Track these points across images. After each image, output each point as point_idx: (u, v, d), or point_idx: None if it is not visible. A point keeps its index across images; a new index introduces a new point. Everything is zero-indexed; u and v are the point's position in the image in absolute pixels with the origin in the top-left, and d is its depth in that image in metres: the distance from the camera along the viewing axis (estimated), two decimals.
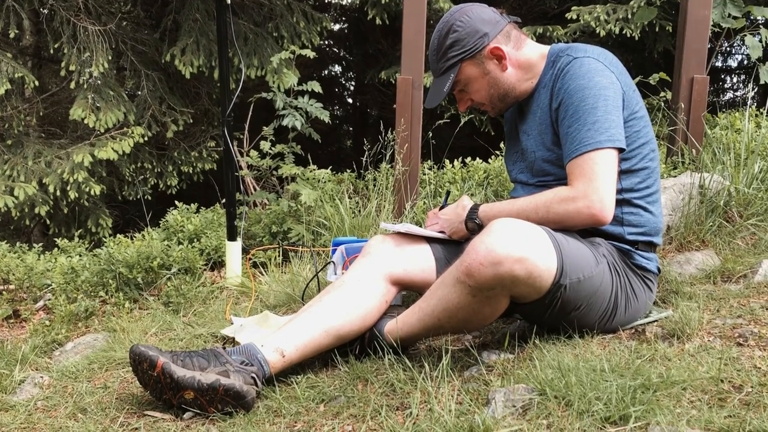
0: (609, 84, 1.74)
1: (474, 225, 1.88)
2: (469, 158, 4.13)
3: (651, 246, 1.89)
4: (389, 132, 3.57)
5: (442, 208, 2.10)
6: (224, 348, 1.74)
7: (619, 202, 1.78)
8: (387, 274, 1.91)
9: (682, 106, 3.31)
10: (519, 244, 1.55)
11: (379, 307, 1.86)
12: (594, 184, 1.68)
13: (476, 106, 2.00)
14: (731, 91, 9.83)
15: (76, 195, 5.25)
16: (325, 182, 3.59)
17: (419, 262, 1.95)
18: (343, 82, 12.01)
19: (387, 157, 3.58)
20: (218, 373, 1.61)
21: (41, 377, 2.02)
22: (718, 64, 9.09)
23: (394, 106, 3.43)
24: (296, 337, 1.76)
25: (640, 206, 1.84)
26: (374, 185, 3.51)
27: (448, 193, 2.30)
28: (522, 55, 1.91)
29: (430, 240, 2.01)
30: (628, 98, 1.79)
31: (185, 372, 1.59)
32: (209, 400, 1.59)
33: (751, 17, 3.85)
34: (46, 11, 5.69)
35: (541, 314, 1.73)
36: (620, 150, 1.73)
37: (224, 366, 1.63)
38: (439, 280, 1.73)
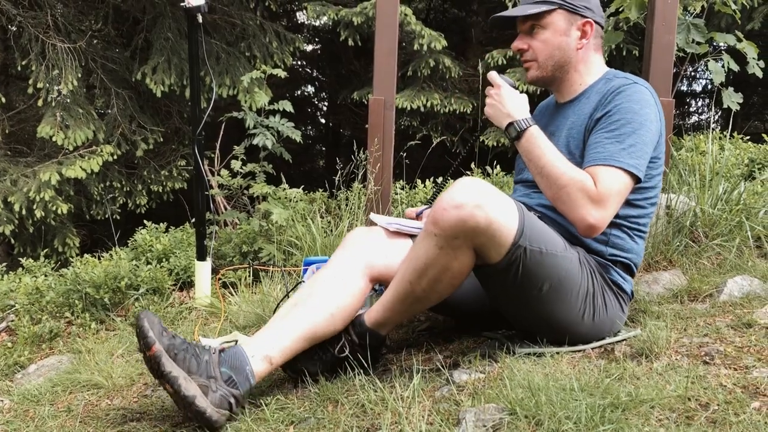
0: (655, 120, 1.82)
1: (514, 131, 1.85)
2: (441, 178, 4.15)
3: (628, 269, 1.92)
4: (362, 152, 3.58)
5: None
6: (222, 352, 1.70)
7: (610, 225, 1.80)
8: (368, 270, 1.91)
9: None
10: (480, 194, 1.61)
11: (358, 304, 1.88)
12: (609, 200, 1.72)
13: (527, 56, 1.98)
14: (696, 115, 10.09)
15: (43, 214, 5.15)
16: (296, 201, 3.57)
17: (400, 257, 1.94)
18: (316, 102, 12.04)
19: (359, 177, 3.58)
20: (200, 385, 1.59)
21: (1, 401, 1.97)
22: (683, 88, 9.32)
23: (367, 126, 3.45)
24: (282, 342, 1.75)
25: (627, 234, 1.89)
26: (346, 205, 3.51)
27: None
28: (592, 56, 1.98)
29: (414, 237, 1.99)
30: (660, 143, 1.86)
31: (172, 369, 1.58)
32: (180, 406, 1.59)
33: (714, 43, 3.96)
34: (14, 28, 5.62)
35: (506, 287, 1.73)
36: (637, 181, 1.78)
37: (208, 380, 1.61)
38: (410, 247, 1.77)
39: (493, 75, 1.95)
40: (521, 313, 1.82)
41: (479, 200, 1.60)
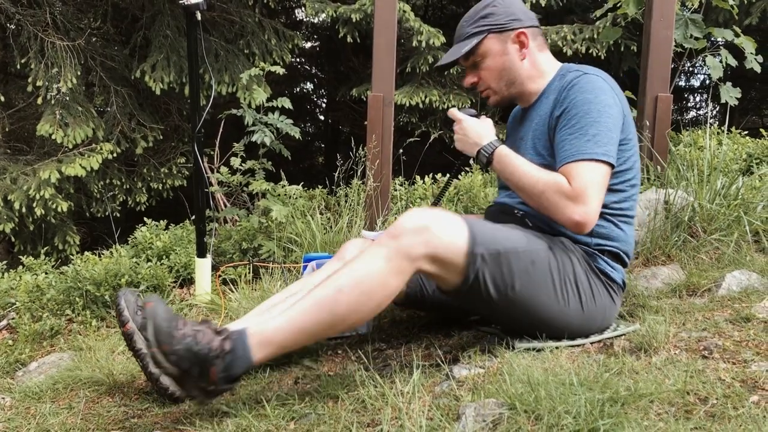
0: (613, 104, 1.82)
1: (484, 158, 1.89)
2: (439, 174, 4.16)
3: (617, 258, 1.92)
4: (361, 148, 3.58)
5: (438, 200, 2.15)
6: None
7: None
8: None
9: (647, 123, 3.38)
10: (427, 219, 1.65)
11: None
12: (588, 193, 1.72)
13: (480, 87, 2.04)
14: (694, 110, 10.08)
15: (43, 212, 5.15)
16: (296, 198, 3.58)
17: None
18: (315, 99, 12.03)
19: (358, 173, 3.59)
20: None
21: (3, 399, 1.97)
22: (681, 83, 9.32)
23: (366, 122, 3.45)
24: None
25: (611, 222, 1.89)
26: (346, 201, 3.52)
27: (449, 180, 2.29)
28: (539, 57, 1.99)
29: None
30: (626, 123, 1.87)
31: (142, 346, 1.72)
32: (148, 380, 1.73)
33: (712, 38, 3.96)
34: (13, 26, 5.61)
35: (482, 300, 1.74)
36: (611, 167, 1.78)
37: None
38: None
39: (452, 112, 2.02)
40: (509, 317, 1.82)
41: (426, 222, 1.64)
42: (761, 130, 4.75)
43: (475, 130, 1.94)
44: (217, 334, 1.59)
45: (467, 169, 4.25)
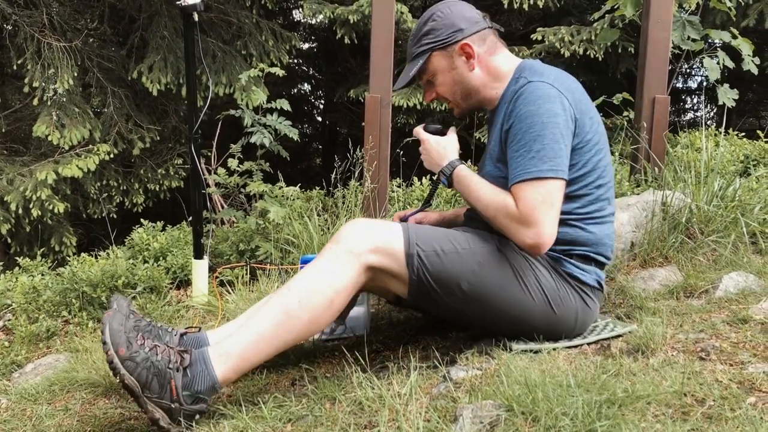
0: (560, 111, 1.73)
1: (444, 179, 1.92)
2: (436, 176, 4.14)
3: (587, 259, 1.87)
4: (358, 150, 3.58)
5: (428, 201, 2.19)
6: (183, 336, 1.79)
7: None
8: None
9: (645, 125, 3.38)
10: (362, 221, 1.77)
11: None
12: (535, 216, 1.69)
13: (442, 100, 2.04)
14: (691, 111, 10.08)
15: (39, 213, 5.14)
16: (293, 200, 3.57)
17: None
18: (313, 100, 12.03)
19: (356, 175, 3.58)
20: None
21: None
22: (679, 85, 9.32)
23: (363, 124, 3.45)
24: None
25: (576, 227, 1.84)
26: (343, 202, 3.51)
27: (435, 185, 2.30)
28: (493, 61, 1.93)
29: None
30: (580, 125, 1.78)
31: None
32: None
33: (710, 40, 3.97)
34: (9, 27, 5.60)
35: (433, 302, 1.78)
36: (563, 179, 1.73)
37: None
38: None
39: (417, 131, 2.03)
40: (472, 317, 1.83)
41: (363, 225, 1.74)
42: (758, 131, 4.75)
43: (437, 151, 1.96)
44: (173, 349, 1.62)
45: None
